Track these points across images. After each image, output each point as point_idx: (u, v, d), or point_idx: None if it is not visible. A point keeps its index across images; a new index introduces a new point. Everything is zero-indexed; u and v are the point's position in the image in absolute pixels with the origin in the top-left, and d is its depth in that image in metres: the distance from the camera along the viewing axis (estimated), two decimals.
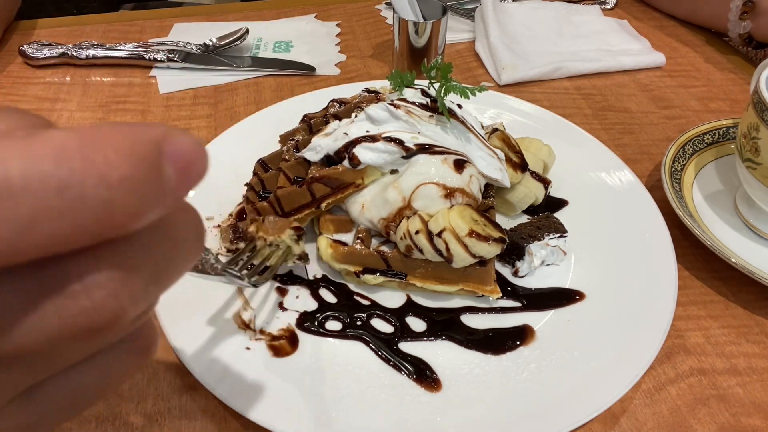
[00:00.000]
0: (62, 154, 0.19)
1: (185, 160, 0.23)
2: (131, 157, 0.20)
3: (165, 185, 0.22)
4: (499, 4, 1.23)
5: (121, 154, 0.20)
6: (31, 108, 0.97)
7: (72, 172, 0.19)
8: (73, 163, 0.19)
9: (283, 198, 0.67)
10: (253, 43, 1.15)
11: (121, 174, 0.20)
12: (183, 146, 0.22)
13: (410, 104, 0.69)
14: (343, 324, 0.63)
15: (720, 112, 1.02)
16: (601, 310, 0.64)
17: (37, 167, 0.18)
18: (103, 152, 0.20)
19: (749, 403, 0.59)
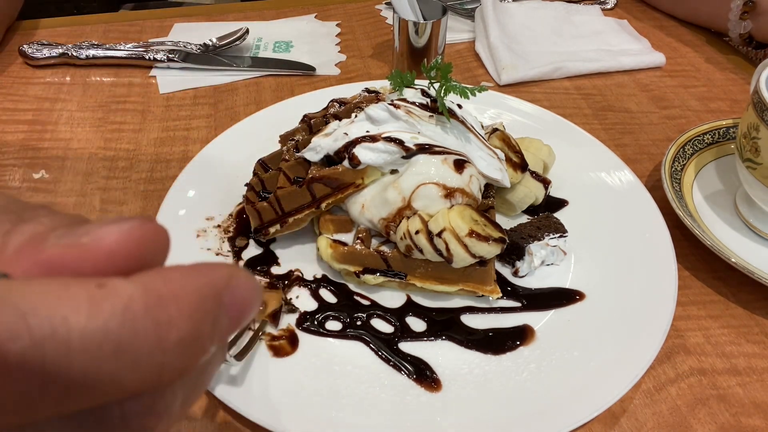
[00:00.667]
0: (127, 314, 0.19)
1: (241, 307, 0.23)
2: (192, 317, 0.21)
3: (216, 336, 0.22)
4: (499, 4, 1.23)
5: (184, 314, 0.20)
6: (31, 108, 0.97)
7: (134, 334, 0.19)
8: (136, 324, 0.19)
9: (283, 198, 0.67)
10: (253, 43, 1.15)
11: (180, 336, 0.20)
12: (242, 293, 0.23)
13: (410, 104, 0.69)
14: (343, 324, 0.63)
15: (720, 112, 1.02)
16: (601, 310, 0.64)
17: (100, 327, 0.18)
18: (167, 312, 0.20)
19: (749, 403, 0.59)
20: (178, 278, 0.21)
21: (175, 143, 0.90)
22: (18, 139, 0.90)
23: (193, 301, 0.21)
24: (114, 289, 0.19)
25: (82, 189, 0.82)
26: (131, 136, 0.92)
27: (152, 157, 0.87)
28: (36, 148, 0.89)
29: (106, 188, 0.82)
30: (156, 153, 0.88)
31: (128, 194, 0.81)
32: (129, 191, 0.81)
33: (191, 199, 0.74)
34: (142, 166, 0.86)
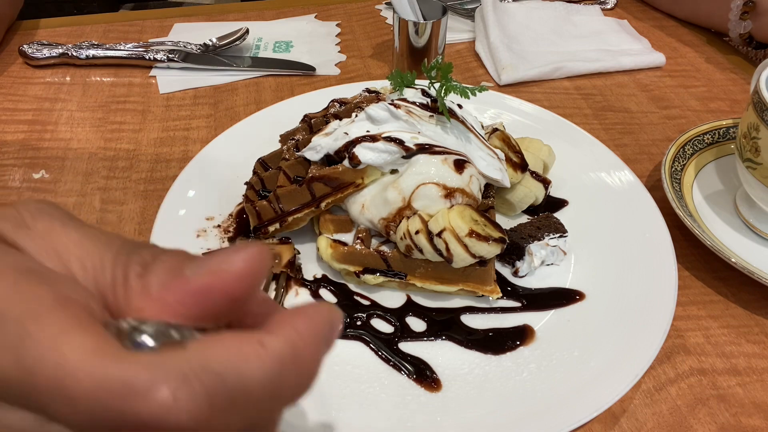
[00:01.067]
0: (282, 367, 0.24)
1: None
2: (317, 361, 0.26)
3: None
4: (499, 4, 1.23)
5: (316, 360, 0.26)
6: (31, 108, 0.97)
7: (284, 381, 0.25)
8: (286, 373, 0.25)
9: (283, 197, 0.67)
10: (253, 43, 1.15)
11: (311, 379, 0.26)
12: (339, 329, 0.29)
13: (410, 104, 0.69)
14: (343, 324, 0.63)
15: (720, 112, 1.02)
16: (601, 310, 0.64)
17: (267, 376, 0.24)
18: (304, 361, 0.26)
19: (749, 403, 0.59)
20: (306, 330, 0.26)
21: (175, 143, 0.90)
22: (18, 139, 0.90)
23: (318, 349, 0.26)
24: (271, 347, 0.24)
25: (82, 189, 0.82)
26: (131, 136, 0.92)
27: (152, 157, 0.87)
28: (36, 148, 0.89)
29: (106, 188, 0.82)
30: (156, 153, 0.88)
31: (128, 194, 0.81)
32: (129, 191, 0.81)
33: (191, 199, 0.74)
34: (142, 166, 0.86)
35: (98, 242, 0.26)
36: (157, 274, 0.25)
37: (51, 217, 0.27)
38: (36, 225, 0.27)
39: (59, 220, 0.27)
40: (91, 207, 0.79)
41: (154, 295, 0.25)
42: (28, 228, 0.26)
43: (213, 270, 0.25)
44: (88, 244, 0.26)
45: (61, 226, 0.27)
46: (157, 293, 0.25)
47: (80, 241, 0.26)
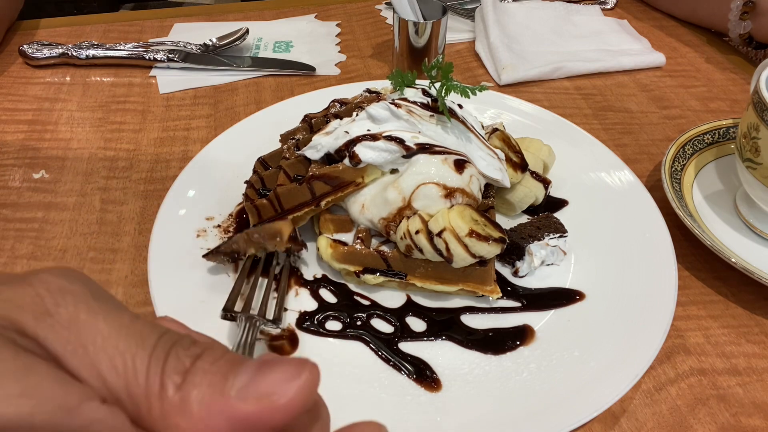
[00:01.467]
0: None
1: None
2: None
3: None
4: (499, 4, 1.23)
5: None
6: (31, 108, 0.97)
7: None
8: None
9: (283, 195, 0.67)
10: (253, 43, 1.15)
11: None
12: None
13: (411, 104, 0.69)
14: (343, 324, 0.63)
15: (720, 112, 1.02)
16: (601, 310, 0.64)
17: None
18: None
19: (749, 403, 0.59)
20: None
21: (175, 143, 0.90)
22: (18, 139, 0.90)
23: None
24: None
25: (82, 189, 0.82)
26: (131, 136, 0.92)
27: (152, 157, 0.87)
28: (36, 148, 0.89)
29: (106, 188, 0.82)
30: (156, 153, 0.88)
31: (128, 194, 0.81)
32: (129, 191, 0.81)
33: (191, 199, 0.74)
34: (142, 166, 0.86)
35: (130, 337, 0.24)
36: (199, 388, 0.23)
37: (75, 300, 0.24)
38: (59, 312, 0.24)
39: (85, 304, 0.24)
40: (91, 207, 0.79)
41: (194, 415, 0.23)
42: (51, 316, 0.24)
43: (261, 396, 0.23)
44: (118, 338, 0.24)
45: (88, 314, 0.24)
46: (197, 413, 0.23)
47: (109, 335, 0.24)
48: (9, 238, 0.74)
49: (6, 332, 0.23)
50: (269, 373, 0.24)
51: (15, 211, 0.78)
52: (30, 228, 0.76)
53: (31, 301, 0.24)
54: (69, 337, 0.24)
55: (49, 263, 0.71)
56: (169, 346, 0.24)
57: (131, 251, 0.73)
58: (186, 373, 0.23)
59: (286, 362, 0.24)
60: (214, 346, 0.25)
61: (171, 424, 0.23)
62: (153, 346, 0.24)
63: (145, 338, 0.24)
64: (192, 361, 0.24)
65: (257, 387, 0.23)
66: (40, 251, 0.73)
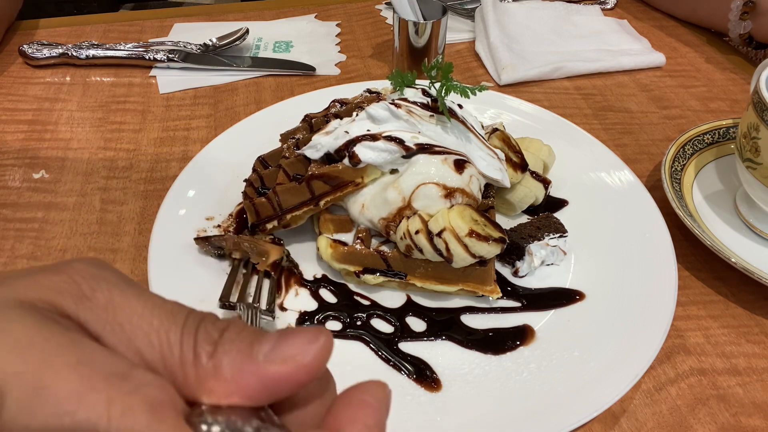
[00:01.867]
0: None
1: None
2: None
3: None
4: (499, 4, 1.23)
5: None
6: (31, 108, 0.97)
7: None
8: None
9: (282, 194, 0.67)
10: (253, 43, 1.15)
11: None
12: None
13: (411, 104, 0.69)
14: (343, 324, 0.63)
15: (720, 112, 1.02)
16: (601, 310, 0.64)
17: None
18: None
19: (749, 403, 0.59)
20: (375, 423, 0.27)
21: (175, 143, 0.90)
22: (18, 139, 0.90)
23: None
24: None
25: (82, 189, 0.82)
26: (131, 136, 0.92)
27: (152, 157, 0.87)
28: (36, 148, 0.89)
29: (106, 188, 0.82)
30: (156, 153, 0.88)
31: (128, 194, 0.81)
32: (129, 191, 0.81)
33: (191, 199, 0.74)
34: (142, 166, 0.86)
35: (162, 315, 0.26)
36: (229, 355, 0.26)
37: (109, 284, 0.27)
38: (96, 296, 0.26)
39: (118, 288, 0.27)
40: (91, 207, 0.79)
41: (228, 378, 0.25)
42: (89, 299, 0.26)
43: (286, 358, 0.26)
44: (152, 317, 0.26)
45: (122, 296, 0.26)
46: (230, 376, 0.25)
47: (143, 314, 0.26)
48: (9, 238, 0.74)
49: (49, 313, 0.25)
50: (291, 338, 0.26)
51: (15, 211, 0.78)
52: (30, 228, 0.76)
53: (68, 287, 0.26)
54: (107, 318, 0.26)
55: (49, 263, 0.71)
56: (198, 321, 0.27)
57: (131, 251, 0.73)
58: (216, 343, 0.26)
59: (304, 329, 0.27)
60: (236, 321, 0.28)
61: (207, 388, 0.25)
62: (183, 322, 0.26)
63: (176, 315, 0.26)
64: (220, 333, 0.26)
65: (282, 350, 0.26)
66: (40, 251, 0.73)
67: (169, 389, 0.25)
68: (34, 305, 0.25)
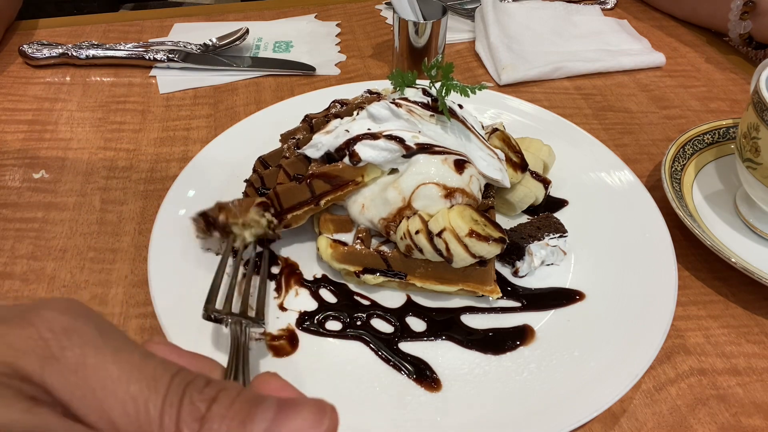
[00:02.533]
0: None
1: None
2: None
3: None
4: (499, 4, 1.23)
5: None
6: (31, 108, 0.97)
7: None
8: None
9: (282, 194, 0.67)
10: (253, 43, 1.15)
11: None
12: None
13: (411, 103, 0.69)
14: (343, 324, 0.63)
15: (720, 112, 1.02)
16: (601, 310, 0.64)
17: None
18: None
19: (749, 403, 0.59)
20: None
21: (175, 143, 0.90)
22: (18, 139, 0.90)
23: None
24: None
25: (82, 189, 0.82)
26: (131, 136, 0.92)
27: (152, 157, 0.87)
28: (36, 148, 0.89)
29: (106, 188, 0.82)
30: (156, 153, 0.88)
31: (128, 194, 0.81)
32: (129, 191, 0.81)
33: (191, 199, 0.74)
34: (142, 166, 0.86)
35: (142, 380, 0.23)
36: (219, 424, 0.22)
37: (82, 340, 0.23)
38: (65, 355, 0.23)
39: (92, 346, 0.23)
40: (91, 207, 0.79)
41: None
42: (57, 360, 0.23)
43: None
44: (129, 382, 0.23)
45: (96, 356, 0.23)
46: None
47: (120, 378, 0.23)
48: (9, 238, 0.74)
49: (11, 381, 0.22)
50: (291, 419, 0.23)
51: (15, 211, 0.78)
52: (30, 228, 0.76)
53: (35, 344, 0.23)
54: (77, 382, 0.23)
55: (50, 263, 0.71)
56: (183, 388, 0.23)
57: (131, 251, 0.73)
58: (203, 419, 0.23)
59: (305, 406, 0.23)
60: (227, 386, 0.24)
61: None
62: (166, 389, 0.23)
63: (158, 380, 0.23)
64: (207, 406, 0.23)
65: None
66: (40, 251, 0.73)
67: None
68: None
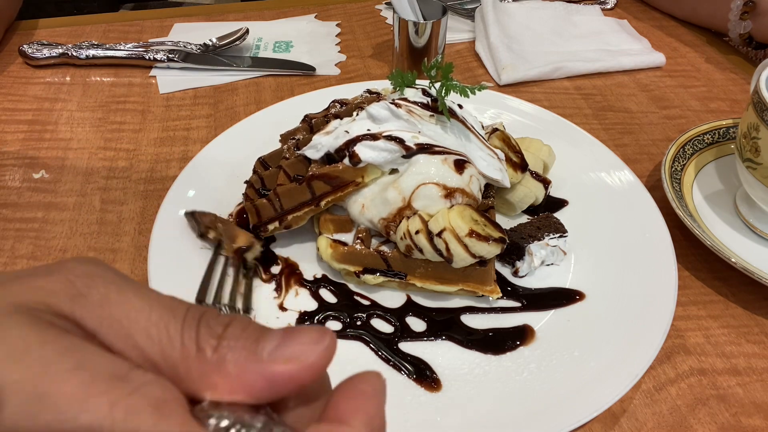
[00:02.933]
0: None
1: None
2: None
3: None
4: (499, 4, 1.23)
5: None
6: (31, 108, 0.97)
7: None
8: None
9: (283, 195, 0.67)
10: (253, 43, 1.15)
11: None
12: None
13: (411, 104, 0.69)
14: (343, 324, 0.63)
15: (720, 112, 1.02)
16: (601, 310, 0.64)
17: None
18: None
19: (749, 403, 0.59)
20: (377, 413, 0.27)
21: (175, 143, 0.90)
22: (18, 139, 0.90)
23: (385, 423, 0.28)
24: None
25: (82, 189, 0.82)
26: (131, 136, 0.92)
27: (152, 157, 0.87)
28: (36, 148, 0.89)
29: (106, 188, 0.82)
30: (156, 153, 0.88)
31: (128, 194, 0.81)
32: (129, 191, 0.81)
33: (191, 199, 0.74)
34: (142, 166, 0.86)
35: (162, 309, 0.26)
36: (234, 351, 0.25)
37: (105, 280, 0.26)
38: (91, 293, 0.26)
39: (114, 284, 0.26)
40: (91, 207, 0.79)
41: (232, 375, 0.25)
42: (84, 297, 0.25)
43: (290, 357, 0.26)
44: (151, 311, 0.26)
45: (118, 292, 0.26)
46: (234, 372, 0.25)
47: (141, 308, 0.26)
48: (9, 238, 0.74)
49: (45, 315, 0.25)
50: (296, 337, 0.26)
51: (15, 211, 0.78)
52: (30, 228, 0.76)
53: (63, 286, 0.26)
54: (103, 314, 0.25)
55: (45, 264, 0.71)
56: (199, 315, 0.26)
57: (131, 251, 0.73)
58: (220, 338, 0.25)
59: (308, 329, 0.27)
60: (238, 317, 0.27)
61: (210, 382, 0.25)
62: (183, 316, 0.26)
63: (175, 309, 0.26)
64: (223, 328, 0.26)
65: (287, 350, 0.26)
66: (40, 251, 0.73)
67: (171, 387, 0.24)
68: (30, 308, 0.25)
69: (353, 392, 0.28)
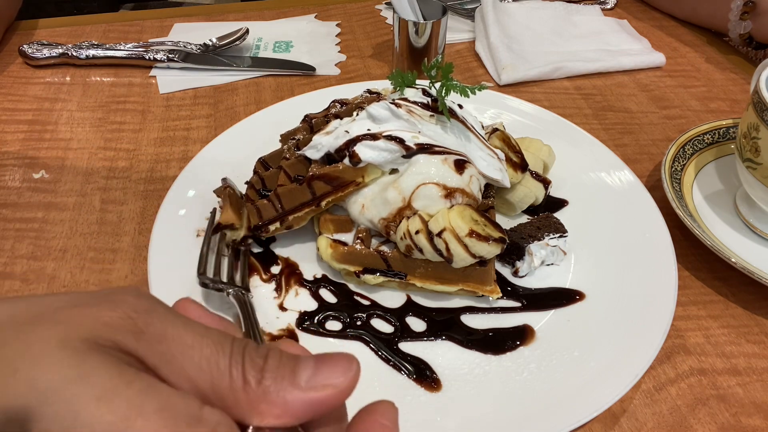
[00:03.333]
0: None
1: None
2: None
3: None
4: (499, 4, 1.23)
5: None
6: (31, 108, 0.97)
7: None
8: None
9: (284, 195, 0.67)
10: (253, 43, 1.15)
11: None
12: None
13: (411, 104, 0.69)
14: (343, 324, 0.63)
15: (720, 112, 1.02)
16: (601, 310, 0.64)
17: None
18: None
19: (749, 403, 0.59)
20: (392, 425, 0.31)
21: (175, 143, 0.90)
22: (18, 139, 0.90)
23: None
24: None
25: (82, 189, 0.82)
26: (131, 136, 0.92)
27: (152, 157, 0.87)
28: (36, 148, 0.89)
29: (106, 188, 0.82)
30: (156, 153, 0.88)
31: (128, 194, 0.81)
32: (129, 191, 0.81)
33: (191, 199, 0.74)
34: (142, 166, 0.86)
35: (211, 345, 0.29)
36: (276, 382, 0.29)
37: (160, 317, 0.29)
38: (149, 330, 0.28)
39: (168, 321, 0.29)
40: (91, 207, 0.79)
41: (277, 402, 0.28)
42: (144, 334, 0.28)
43: (325, 385, 0.29)
44: (201, 347, 0.29)
45: (173, 328, 0.29)
46: (278, 400, 0.28)
47: (193, 344, 0.29)
48: (9, 238, 0.74)
49: (115, 353, 0.27)
50: (329, 366, 0.30)
51: (15, 211, 0.78)
52: (30, 228, 0.76)
53: (125, 323, 0.28)
54: (162, 350, 0.28)
55: (49, 263, 0.71)
56: (242, 348, 0.30)
57: (131, 251, 0.73)
58: (262, 370, 0.29)
59: (337, 357, 0.30)
60: (273, 347, 0.31)
61: (258, 410, 0.28)
62: (230, 350, 0.29)
63: (222, 344, 0.29)
64: (264, 360, 0.29)
65: (321, 377, 0.29)
66: (40, 251, 0.73)
67: (234, 425, 0.28)
68: (99, 345, 0.27)
69: (374, 426, 0.31)
